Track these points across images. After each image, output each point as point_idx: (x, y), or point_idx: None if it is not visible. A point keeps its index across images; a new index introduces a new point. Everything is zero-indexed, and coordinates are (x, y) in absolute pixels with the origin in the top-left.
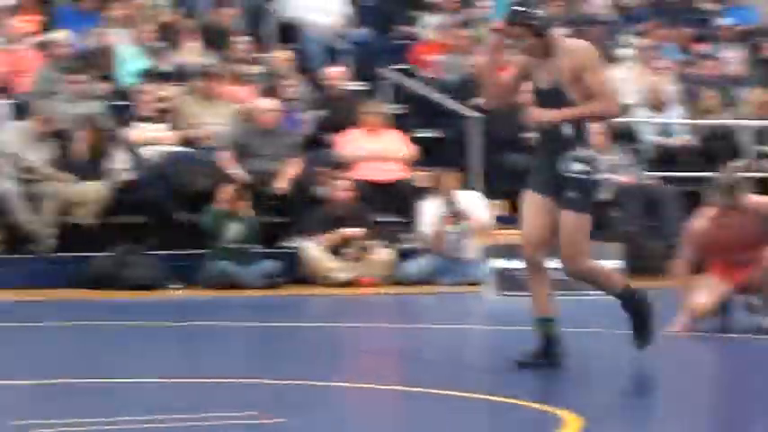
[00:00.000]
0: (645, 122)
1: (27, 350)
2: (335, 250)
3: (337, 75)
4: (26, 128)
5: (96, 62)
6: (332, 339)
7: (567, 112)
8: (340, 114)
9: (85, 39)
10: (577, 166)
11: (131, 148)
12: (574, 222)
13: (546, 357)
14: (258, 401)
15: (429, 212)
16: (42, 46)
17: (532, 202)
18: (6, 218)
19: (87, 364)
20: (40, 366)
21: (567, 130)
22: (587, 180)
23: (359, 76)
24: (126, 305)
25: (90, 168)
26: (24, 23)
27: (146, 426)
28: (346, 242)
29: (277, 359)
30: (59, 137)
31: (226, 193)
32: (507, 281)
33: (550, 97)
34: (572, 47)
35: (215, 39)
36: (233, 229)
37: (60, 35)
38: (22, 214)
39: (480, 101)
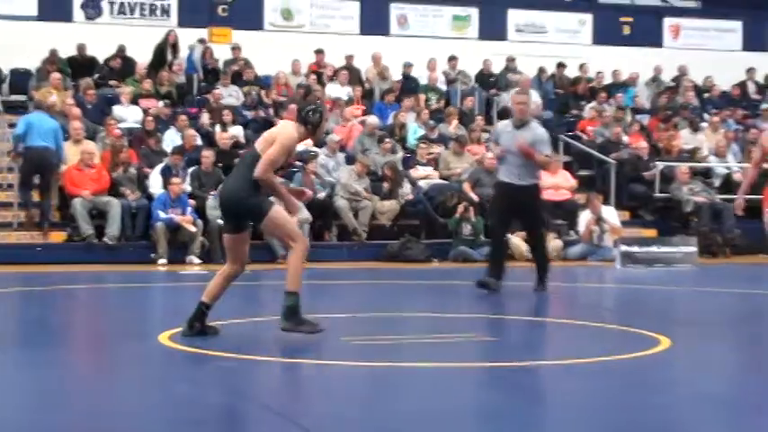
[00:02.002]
0: (714, 165)
1: (345, 295)
2: (527, 239)
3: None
4: (352, 169)
5: (394, 132)
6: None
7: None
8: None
9: (388, 119)
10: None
11: (413, 181)
12: None
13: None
14: (477, 328)
15: (583, 219)
16: (362, 123)
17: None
18: (340, 220)
19: (378, 304)
20: (351, 305)
21: None
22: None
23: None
24: (407, 272)
25: (389, 193)
26: (354, 109)
27: (411, 341)
28: None
29: (486, 303)
30: (372, 174)
31: (461, 208)
32: (628, 258)
33: None
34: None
35: (463, 118)
36: (466, 229)
37: (373, 117)
38: (349, 219)
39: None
